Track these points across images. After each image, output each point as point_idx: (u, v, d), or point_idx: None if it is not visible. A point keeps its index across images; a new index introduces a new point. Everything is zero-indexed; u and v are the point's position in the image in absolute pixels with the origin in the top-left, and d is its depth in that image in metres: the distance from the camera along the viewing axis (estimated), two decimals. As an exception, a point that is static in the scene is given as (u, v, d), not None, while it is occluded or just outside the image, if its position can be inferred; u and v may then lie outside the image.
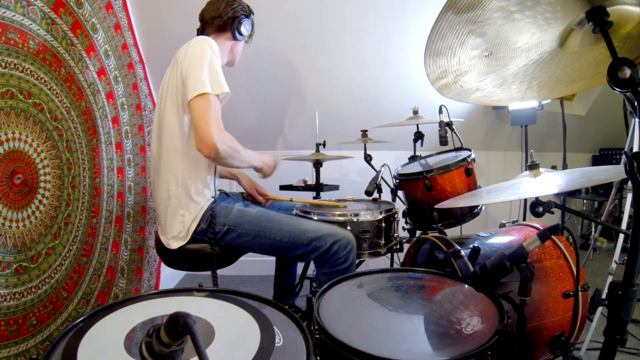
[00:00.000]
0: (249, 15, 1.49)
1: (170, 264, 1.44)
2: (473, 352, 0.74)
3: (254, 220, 1.35)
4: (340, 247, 1.32)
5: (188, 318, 0.46)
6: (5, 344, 1.07)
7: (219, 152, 1.21)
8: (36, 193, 1.21)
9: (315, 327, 0.83)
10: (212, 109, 1.22)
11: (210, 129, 1.19)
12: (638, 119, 0.74)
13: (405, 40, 2.13)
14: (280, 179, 2.07)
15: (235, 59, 1.56)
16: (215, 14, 1.44)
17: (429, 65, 0.92)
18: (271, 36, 2.09)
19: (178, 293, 0.92)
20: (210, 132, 1.19)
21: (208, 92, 1.22)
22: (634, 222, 0.71)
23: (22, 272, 1.14)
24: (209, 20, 1.47)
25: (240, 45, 1.54)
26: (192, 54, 1.27)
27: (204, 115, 1.21)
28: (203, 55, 1.26)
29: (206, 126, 1.20)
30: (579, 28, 0.81)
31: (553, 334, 1.08)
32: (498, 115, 2.79)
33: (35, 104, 1.21)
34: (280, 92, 2.40)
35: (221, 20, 1.44)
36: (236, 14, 1.45)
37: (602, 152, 3.44)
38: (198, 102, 1.21)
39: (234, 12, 1.44)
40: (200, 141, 1.21)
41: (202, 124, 1.20)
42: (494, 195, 1.12)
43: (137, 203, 1.94)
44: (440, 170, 1.57)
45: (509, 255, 0.88)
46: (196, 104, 1.22)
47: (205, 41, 1.30)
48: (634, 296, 0.72)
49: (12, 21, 1.12)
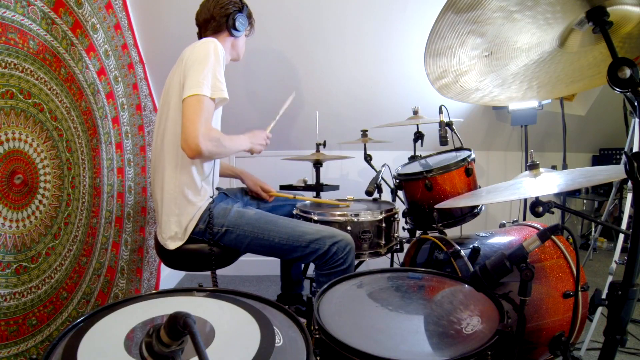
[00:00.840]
0: (242, 9, 1.46)
1: (169, 264, 1.44)
2: (473, 352, 0.74)
3: (253, 222, 1.35)
4: (339, 248, 1.32)
5: (188, 318, 0.46)
6: (5, 344, 1.07)
7: (202, 154, 1.21)
8: (36, 193, 1.21)
9: (315, 327, 0.83)
10: (204, 110, 1.21)
11: (196, 131, 1.18)
12: (638, 119, 0.74)
13: (406, 40, 2.13)
14: (281, 179, 2.08)
15: (239, 53, 1.55)
16: (207, 16, 1.43)
17: (429, 65, 0.92)
18: (271, 36, 2.09)
19: (178, 293, 0.92)
20: (196, 135, 1.18)
21: (203, 93, 1.21)
22: (634, 222, 0.71)
23: (22, 272, 1.14)
24: (203, 24, 1.46)
25: (241, 40, 1.53)
26: (196, 55, 1.27)
27: (193, 115, 1.20)
28: (207, 57, 1.26)
29: (193, 127, 1.19)
30: (579, 28, 0.81)
31: (553, 334, 1.08)
32: (498, 115, 2.79)
33: (35, 104, 1.21)
34: (280, 92, 2.39)
35: (215, 21, 1.43)
36: (228, 11, 1.42)
37: (602, 152, 3.44)
38: (190, 102, 1.21)
39: (226, 10, 1.42)
40: (184, 141, 1.20)
41: (190, 124, 1.19)
42: (494, 195, 1.12)
43: (137, 203, 1.94)
44: (440, 170, 1.58)
45: (509, 255, 0.88)
46: (188, 103, 1.21)
47: (212, 44, 1.29)
48: (634, 296, 0.72)
49: (12, 21, 1.12)
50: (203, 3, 1.46)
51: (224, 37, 1.46)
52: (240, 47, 1.54)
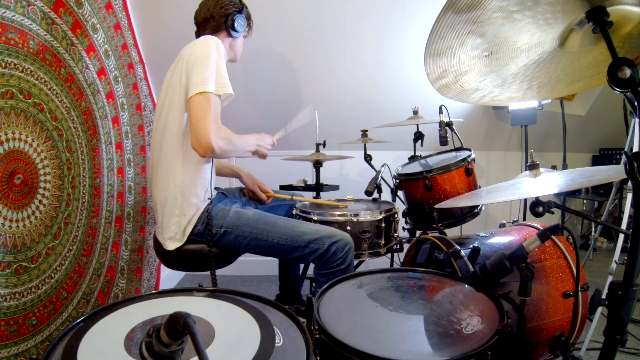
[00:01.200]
0: (241, 9, 1.46)
1: (169, 264, 1.44)
2: (473, 352, 0.74)
3: (251, 223, 1.35)
4: (338, 248, 1.32)
5: (188, 318, 0.47)
6: (5, 344, 1.07)
7: (214, 152, 1.21)
8: (36, 193, 1.21)
9: (315, 327, 0.83)
10: (212, 108, 1.22)
11: (207, 129, 1.19)
12: (638, 119, 0.74)
13: (405, 40, 2.13)
14: (281, 179, 2.08)
15: (237, 54, 1.55)
16: (207, 15, 1.43)
17: (429, 65, 0.92)
18: (271, 36, 2.09)
19: (178, 293, 0.92)
20: (207, 132, 1.19)
21: (210, 90, 1.22)
22: (634, 222, 0.71)
23: (22, 272, 1.14)
24: (202, 23, 1.46)
25: (239, 41, 1.53)
26: (199, 53, 1.27)
27: (202, 113, 1.20)
28: (209, 54, 1.26)
29: (203, 125, 1.19)
30: (579, 28, 0.81)
31: (553, 334, 1.08)
32: (498, 115, 2.79)
33: (35, 104, 1.21)
34: (279, 92, 2.40)
35: (214, 20, 1.43)
36: (228, 11, 1.42)
37: (602, 152, 3.44)
38: (198, 100, 1.21)
39: (225, 10, 1.42)
40: (196, 140, 1.20)
41: (200, 122, 1.20)
42: (494, 195, 1.12)
43: (137, 203, 1.94)
44: (440, 170, 1.58)
45: (509, 255, 0.88)
46: (196, 102, 1.21)
47: (213, 41, 1.30)
48: (634, 296, 0.72)
49: (12, 21, 1.12)
50: (202, 2, 1.46)
51: (223, 37, 1.46)
52: (238, 48, 1.53)
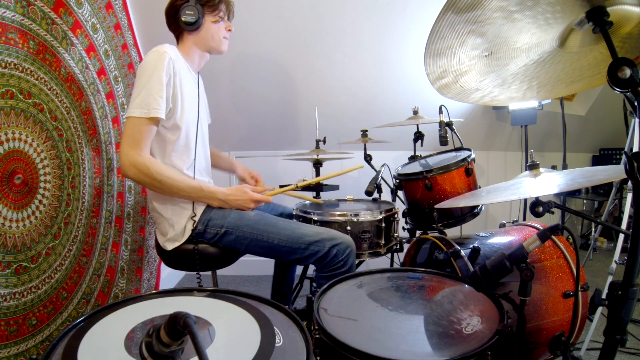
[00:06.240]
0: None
1: (169, 264, 1.44)
2: (473, 352, 0.74)
3: (252, 224, 1.34)
4: (338, 251, 1.31)
5: (188, 318, 0.46)
6: (5, 344, 1.07)
7: (129, 176, 1.22)
8: (36, 193, 1.21)
9: (315, 327, 0.83)
10: (134, 133, 1.20)
11: (122, 154, 1.20)
12: (638, 119, 0.74)
13: (405, 40, 2.13)
14: (280, 179, 2.08)
15: (215, 45, 1.40)
16: (167, 22, 1.39)
17: (429, 65, 0.92)
18: (271, 37, 2.09)
19: (178, 293, 0.92)
20: (121, 158, 1.20)
21: (133, 115, 1.20)
22: (634, 222, 0.71)
23: (22, 272, 1.13)
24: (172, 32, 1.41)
25: (210, 30, 1.36)
26: (140, 70, 1.25)
27: (123, 137, 1.22)
28: (144, 72, 1.22)
29: (121, 149, 1.21)
30: (579, 28, 0.81)
31: (553, 334, 1.08)
32: (498, 115, 2.79)
33: (35, 104, 1.21)
34: (280, 92, 2.40)
35: (170, 22, 1.37)
36: (177, 6, 1.33)
37: (602, 152, 3.44)
38: (125, 123, 1.23)
39: (174, 6, 1.33)
40: (119, 161, 1.23)
41: (121, 145, 1.22)
42: (494, 195, 1.12)
43: (137, 203, 1.94)
44: (440, 170, 1.58)
45: (509, 255, 0.88)
46: (124, 124, 1.24)
47: (154, 55, 1.24)
48: (634, 296, 0.72)
49: (12, 21, 1.12)
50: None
51: (187, 35, 1.38)
52: (211, 38, 1.38)
